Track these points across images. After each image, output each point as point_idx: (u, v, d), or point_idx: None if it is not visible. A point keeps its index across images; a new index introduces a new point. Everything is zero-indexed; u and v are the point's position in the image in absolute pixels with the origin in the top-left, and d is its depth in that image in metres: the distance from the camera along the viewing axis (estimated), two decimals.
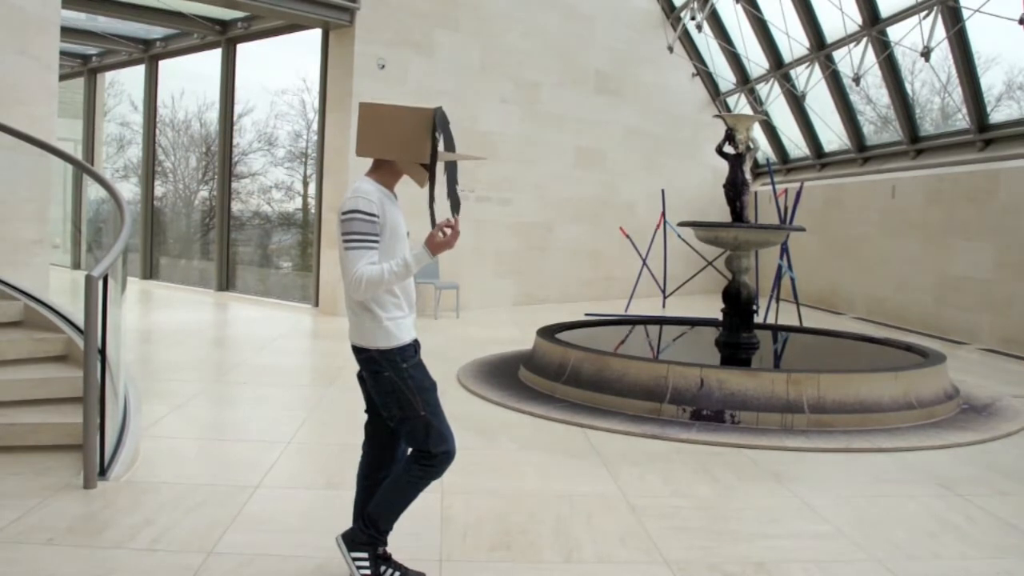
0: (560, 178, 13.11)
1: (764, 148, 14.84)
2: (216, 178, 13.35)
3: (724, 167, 7.25)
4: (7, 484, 3.85)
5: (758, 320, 8.72)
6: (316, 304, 11.15)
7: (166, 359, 7.48)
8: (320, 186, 11.37)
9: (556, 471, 4.54)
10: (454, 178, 2.98)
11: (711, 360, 6.56)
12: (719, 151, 7.14)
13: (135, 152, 16.18)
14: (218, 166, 13.11)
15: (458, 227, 2.82)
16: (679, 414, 5.56)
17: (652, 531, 3.66)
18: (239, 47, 12.72)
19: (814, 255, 13.06)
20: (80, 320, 4.63)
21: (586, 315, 10.73)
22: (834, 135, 13.25)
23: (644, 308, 11.85)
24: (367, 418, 3.09)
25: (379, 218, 2.79)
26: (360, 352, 2.91)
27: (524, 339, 8.15)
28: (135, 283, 13.29)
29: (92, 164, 14.43)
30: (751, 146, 7.08)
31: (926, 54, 10.05)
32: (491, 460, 4.70)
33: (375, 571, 2.94)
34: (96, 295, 3.96)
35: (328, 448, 4.90)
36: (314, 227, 11.65)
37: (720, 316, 7.19)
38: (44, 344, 4.93)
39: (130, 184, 16.16)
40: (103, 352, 4.11)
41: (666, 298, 12.76)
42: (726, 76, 14.83)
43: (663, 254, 12.55)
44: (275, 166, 17.18)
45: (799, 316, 10.48)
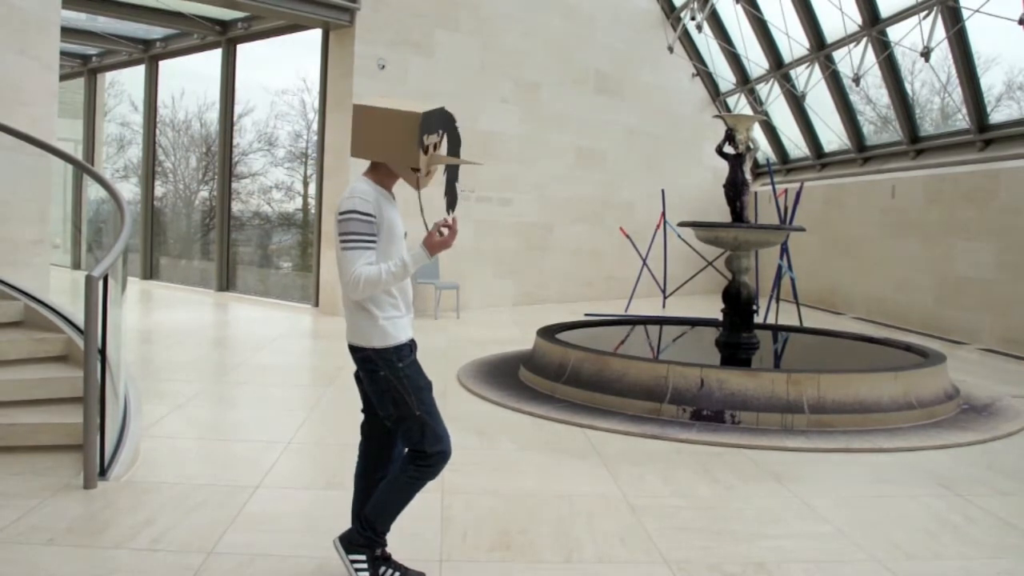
0: (560, 178, 13.12)
1: (764, 148, 14.84)
2: (216, 178, 13.36)
3: (724, 167, 7.25)
4: (7, 484, 3.85)
5: (758, 320, 8.72)
6: (316, 304, 11.15)
7: (166, 359, 7.48)
8: (320, 186, 11.39)
9: (556, 471, 4.54)
10: (455, 175, 2.97)
11: (711, 360, 6.56)
12: (719, 151, 7.15)
13: (135, 152, 16.21)
14: (218, 166, 13.12)
15: (456, 226, 2.82)
16: (679, 414, 5.55)
17: (652, 531, 3.66)
18: (239, 47, 12.74)
19: (814, 255, 13.06)
20: (80, 320, 4.63)
21: (586, 315, 10.74)
22: (834, 135, 13.25)
23: (644, 308, 11.85)
24: (364, 418, 3.09)
25: (376, 218, 2.79)
26: (356, 351, 2.91)
27: (524, 339, 8.15)
28: (135, 283, 13.30)
29: (92, 164, 14.45)
30: (751, 146, 7.08)
31: (926, 54, 10.05)
32: (491, 460, 4.70)
33: (373, 573, 2.93)
34: (96, 295, 3.96)
35: (328, 448, 4.91)
36: (314, 227, 11.66)
37: (720, 316, 7.19)
38: (44, 344, 4.93)
39: (130, 184, 16.17)
40: (103, 352, 4.11)
41: (666, 298, 12.76)
42: (726, 76, 14.83)
43: (663, 254, 12.56)
44: (275, 166, 17.21)
45: (799, 316, 10.48)
